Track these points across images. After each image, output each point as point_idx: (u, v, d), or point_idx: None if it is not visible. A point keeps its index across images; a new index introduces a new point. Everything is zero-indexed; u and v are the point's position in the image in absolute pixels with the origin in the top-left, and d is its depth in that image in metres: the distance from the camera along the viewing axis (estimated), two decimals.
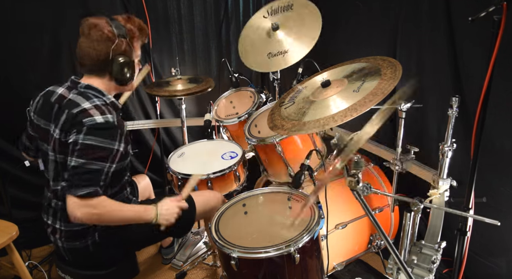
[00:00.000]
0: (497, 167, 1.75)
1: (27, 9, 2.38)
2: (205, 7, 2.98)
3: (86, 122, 1.35)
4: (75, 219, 1.32)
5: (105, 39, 1.43)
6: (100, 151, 1.36)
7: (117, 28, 1.45)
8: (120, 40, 1.45)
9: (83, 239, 1.51)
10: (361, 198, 1.17)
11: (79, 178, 1.32)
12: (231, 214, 1.63)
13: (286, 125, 1.41)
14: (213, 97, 2.60)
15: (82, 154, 1.33)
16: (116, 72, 1.48)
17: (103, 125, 1.37)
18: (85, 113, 1.37)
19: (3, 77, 2.39)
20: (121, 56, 1.46)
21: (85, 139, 1.34)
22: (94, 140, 1.35)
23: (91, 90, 1.47)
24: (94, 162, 1.34)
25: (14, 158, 2.44)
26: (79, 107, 1.39)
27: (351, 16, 2.51)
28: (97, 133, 1.36)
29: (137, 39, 1.53)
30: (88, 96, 1.44)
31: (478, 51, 1.71)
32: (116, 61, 1.46)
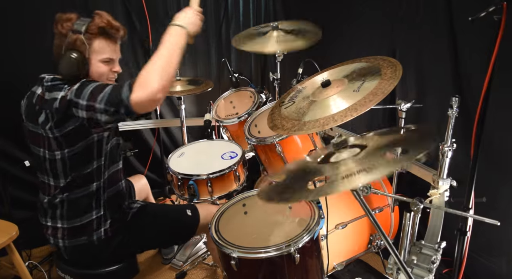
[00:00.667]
0: (497, 167, 1.75)
1: (27, 9, 2.38)
2: (205, 7, 2.98)
3: (71, 95, 1.34)
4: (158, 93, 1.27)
5: (60, 34, 1.44)
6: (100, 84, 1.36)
7: (78, 24, 1.44)
8: (75, 35, 1.43)
9: (88, 234, 1.50)
10: (361, 198, 1.17)
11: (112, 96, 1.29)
12: (231, 214, 1.63)
13: (286, 125, 1.41)
14: (213, 97, 2.60)
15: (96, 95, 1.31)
16: (62, 66, 1.43)
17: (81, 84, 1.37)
18: (65, 98, 1.36)
19: (3, 77, 2.39)
20: (72, 52, 1.43)
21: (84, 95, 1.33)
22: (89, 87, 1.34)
23: (57, 81, 1.44)
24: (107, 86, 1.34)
25: (14, 158, 2.44)
26: (57, 100, 1.37)
27: (351, 17, 2.51)
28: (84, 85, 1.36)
29: (96, 37, 1.47)
30: (58, 87, 1.41)
31: (478, 51, 1.71)
32: (65, 56, 1.43)
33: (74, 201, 1.49)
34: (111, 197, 1.56)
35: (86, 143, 1.43)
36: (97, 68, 1.50)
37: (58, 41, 1.46)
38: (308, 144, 1.98)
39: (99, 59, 1.50)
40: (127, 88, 1.28)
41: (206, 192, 2.02)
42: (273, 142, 1.90)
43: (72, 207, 1.49)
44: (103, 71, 1.52)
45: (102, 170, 1.51)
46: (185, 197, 2.06)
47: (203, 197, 2.04)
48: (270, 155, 2.01)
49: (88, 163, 1.47)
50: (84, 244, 1.51)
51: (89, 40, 1.45)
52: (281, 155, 1.91)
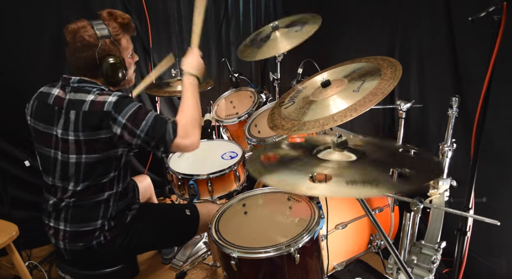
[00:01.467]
0: (497, 167, 1.75)
1: (27, 9, 2.38)
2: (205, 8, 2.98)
3: (108, 108, 1.37)
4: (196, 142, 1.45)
5: (88, 44, 1.42)
6: (141, 108, 1.42)
7: (99, 29, 1.43)
8: (104, 41, 1.43)
9: (88, 239, 1.50)
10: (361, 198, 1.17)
11: (157, 130, 1.39)
12: (231, 214, 1.63)
13: (286, 125, 1.41)
14: (213, 97, 2.60)
15: (138, 121, 1.38)
16: (107, 74, 1.47)
17: (119, 99, 1.40)
18: (98, 103, 1.38)
19: (3, 77, 2.39)
20: (108, 58, 1.45)
21: (123, 116, 1.38)
22: (128, 110, 1.39)
23: (85, 83, 1.45)
24: (148, 114, 1.41)
25: (14, 158, 2.44)
26: (85, 103, 1.39)
27: (351, 17, 2.51)
28: (122, 105, 1.39)
29: (122, 35, 1.51)
30: (86, 89, 1.43)
31: (478, 51, 1.71)
32: (105, 63, 1.44)
33: (82, 207, 1.47)
34: (121, 210, 1.56)
35: (108, 154, 1.43)
36: (128, 63, 1.56)
37: (88, 52, 1.43)
38: None
39: (128, 54, 1.56)
40: (171, 131, 1.39)
41: (206, 192, 2.02)
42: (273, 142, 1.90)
43: (78, 213, 1.48)
44: (131, 65, 1.59)
45: (115, 183, 1.51)
46: (185, 197, 2.06)
47: (203, 197, 2.04)
48: None
49: (104, 173, 1.47)
50: (84, 249, 1.50)
51: (117, 40, 1.48)
52: None
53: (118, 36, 1.49)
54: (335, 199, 1.92)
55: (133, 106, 1.40)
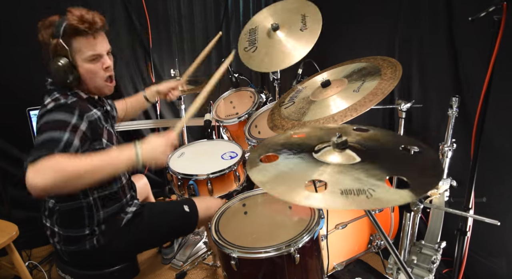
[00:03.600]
0: (497, 167, 1.75)
1: (27, 9, 2.38)
2: (205, 7, 2.99)
3: (43, 112, 1.33)
4: (39, 189, 1.10)
5: (43, 42, 1.40)
6: (54, 124, 1.27)
7: (56, 27, 1.37)
8: (56, 40, 1.36)
9: (81, 243, 1.49)
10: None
11: (34, 150, 1.18)
12: (231, 214, 1.63)
13: (286, 125, 1.41)
14: (213, 97, 2.60)
15: (39, 131, 1.26)
16: (53, 77, 1.40)
17: (54, 106, 1.33)
18: (43, 109, 1.34)
19: (3, 77, 2.39)
20: (57, 58, 1.37)
21: (41, 122, 1.30)
22: (49, 117, 1.30)
23: (53, 85, 1.42)
24: (48, 132, 1.24)
25: (14, 158, 2.44)
26: (42, 107, 1.36)
27: (351, 17, 2.51)
28: (50, 112, 1.31)
29: (74, 36, 1.37)
30: (50, 92, 1.40)
31: (478, 51, 1.71)
32: (52, 65, 1.38)
33: (66, 213, 1.47)
34: (109, 216, 1.53)
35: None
36: (85, 68, 1.41)
37: (44, 50, 1.40)
38: None
39: (83, 58, 1.40)
40: (33, 157, 1.14)
41: (206, 192, 2.02)
42: None
43: (65, 218, 1.48)
44: (94, 71, 1.43)
45: (87, 190, 1.45)
46: (185, 197, 2.06)
47: None
48: None
49: None
50: (78, 251, 1.50)
51: (67, 41, 1.37)
52: None
53: (68, 37, 1.37)
54: None
55: (53, 116, 1.29)
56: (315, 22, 2.08)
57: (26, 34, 2.41)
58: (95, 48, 1.41)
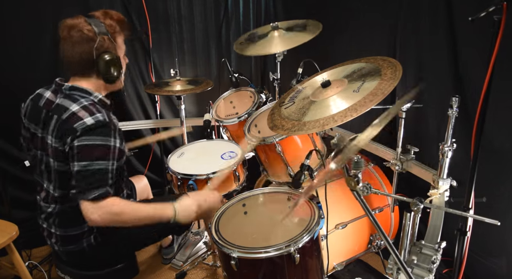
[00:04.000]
0: (497, 167, 1.75)
1: (27, 9, 2.38)
2: (205, 7, 2.99)
3: (78, 127, 1.33)
4: (94, 223, 1.32)
5: (86, 39, 1.40)
6: (98, 150, 1.34)
7: (96, 26, 1.42)
8: (102, 37, 1.42)
9: (79, 242, 1.50)
10: (361, 198, 1.17)
11: (87, 182, 1.31)
12: (231, 214, 1.63)
13: (286, 125, 1.41)
14: (213, 97, 2.60)
15: (81, 157, 1.32)
16: (103, 71, 1.45)
17: (94, 125, 1.35)
18: (74, 117, 1.35)
19: (3, 77, 2.39)
20: (105, 54, 1.43)
21: (80, 141, 1.32)
22: (89, 140, 1.33)
23: (76, 91, 1.44)
24: (96, 162, 1.33)
25: (14, 158, 2.44)
26: (67, 111, 1.36)
27: (351, 17, 2.51)
28: (91, 133, 1.34)
29: (119, 34, 1.50)
30: (74, 98, 1.41)
31: (478, 51, 1.71)
32: (101, 60, 1.43)
33: (65, 213, 1.48)
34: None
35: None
36: (123, 63, 1.54)
37: (85, 47, 1.41)
38: (308, 144, 1.98)
39: (122, 54, 1.54)
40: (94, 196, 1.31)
41: None
42: (273, 142, 1.90)
43: (63, 218, 1.49)
44: (124, 65, 1.56)
45: None
46: None
47: None
48: (270, 155, 2.01)
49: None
50: (76, 251, 1.51)
51: (114, 38, 1.47)
52: (281, 155, 1.91)
53: (115, 34, 1.47)
54: (335, 199, 1.92)
55: (95, 140, 1.34)
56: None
57: (26, 34, 2.43)
58: (124, 45, 1.56)
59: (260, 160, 2.14)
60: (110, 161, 1.36)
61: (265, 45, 2.27)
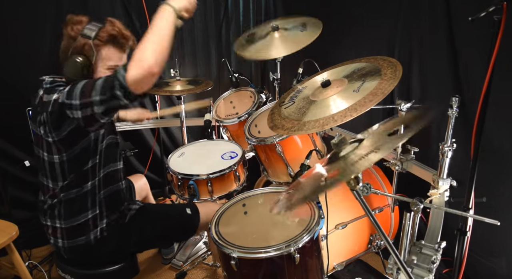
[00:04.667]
0: (497, 167, 1.75)
1: (27, 9, 2.38)
2: (205, 8, 2.99)
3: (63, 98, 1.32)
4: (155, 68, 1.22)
5: (69, 36, 1.43)
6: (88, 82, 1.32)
7: (88, 29, 1.42)
8: (84, 40, 1.42)
9: (86, 234, 1.51)
10: (361, 198, 1.17)
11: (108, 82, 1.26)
12: (231, 214, 1.63)
13: (286, 125, 1.41)
14: (213, 97, 2.60)
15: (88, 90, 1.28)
16: (66, 69, 1.43)
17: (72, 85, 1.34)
18: (56, 100, 1.35)
19: (3, 77, 2.39)
20: (78, 56, 1.42)
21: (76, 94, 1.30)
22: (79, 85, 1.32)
23: (56, 83, 1.44)
24: (96, 81, 1.29)
25: (14, 158, 2.44)
26: (50, 103, 1.37)
27: (352, 17, 2.51)
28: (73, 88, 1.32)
29: (104, 44, 1.45)
30: (55, 89, 1.41)
31: (478, 51, 1.71)
32: (70, 59, 1.42)
33: (71, 201, 1.49)
34: (108, 197, 1.56)
35: (83, 143, 1.42)
36: (101, 75, 1.47)
37: (65, 43, 1.45)
38: (308, 144, 1.98)
39: (105, 66, 1.48)
40: (122, 70, 1.24)
41: (206, 192, 2.02)
42: (273, 142, 1.90)
43: (68, 207, 1.49)
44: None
45: (97, 169, 1.50)
46: (185, 197, 2.06)
47: (203, 197, 2.04)
48: (270, 155, 2.01)
49: (85, 162, 1.46)
50: (82, 245, 1.51)
51: (97, 46, 1.44)
52: (281, 155, 1.92)
53: (100, 43, 1.44)
54: (335, 199, 1.92)
55: (81, 84, 1.32)
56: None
57: (27, 34, 2.43)
58: (119, 60, 1.51)
59: (260, 160, 2.14)
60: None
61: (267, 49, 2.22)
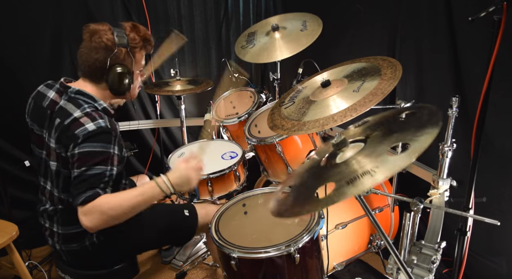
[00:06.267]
0: (497, 167, 1.75)
1: (27, 9, 2.38)
2: (205, 8, 2.99)
3: (79, 133, 1.32)
4: (89, 229, 1.30)
5: (104, 47, 1.40)
6: (98, 156, 1.33)
7: (119, 37, 1.42)
8: (120, 49, 1.42)
9: (81, 241, 1.50)
10: (361, 198, 1.17)
11: (78, 187, 1.30)
12: (231, 214, 1.63)
13: (286, 125, 1.41)
14: (213, 97, 2.60)
15: (81, 163, 1.31)
16: (111, 82, 1.44)
17: (96, 131, 1.34)
18: (76, 123, 1.34)
19: (3, 78, 2.39)
20: (119, 66, 1.43)
21: (81, 148, 1.31)
22: (89, 147, 1.32)
23: (81, 95, 1.43)
24: (94, 167, 1.32)
25: (14, 158, 2.45)
26: (70, 117, 1.35)
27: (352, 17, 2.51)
28: (92, 139, 1.33)
29: (139, 49, 1.49)
30: (78, 102, 1.40)
31: (478, 51, 1.71)
32: (113, 71, 1.42)
33: (68, 212, 1.46)
34: None
35: None
36: (136, 79, 1.54)
37: (101, 55, 1.41)
38: (308, 144, 1.98)
39: (139, 69, 1.54)
40: (82, 199, 1.28)
41: (206, 192, 2.02)
42: (273, 142, 1.90)
43: (66, 217, 1.48)
44: (138, 80, 1.57)
45: None
46: (185, 197, 2.06)
47: (203, 197, 2.04)
48: (270, 155, 2.01)
49: None
50: (79, 249, 1.51)
51: (133, 53, 1.46)
52: (281, 155, 1.92)
53: (135, 49, 1.47)
54: None
55: (96, 147, 1.33)
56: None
57: (27, 34, 2.43)
58: (144, 61, 1.56)
59: (260, 160, 2.14)
60: (108, 166, 1.35)
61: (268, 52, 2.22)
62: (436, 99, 2.02)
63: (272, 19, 2.41)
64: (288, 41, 2.21)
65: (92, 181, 1.31)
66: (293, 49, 2.15)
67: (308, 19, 2.24)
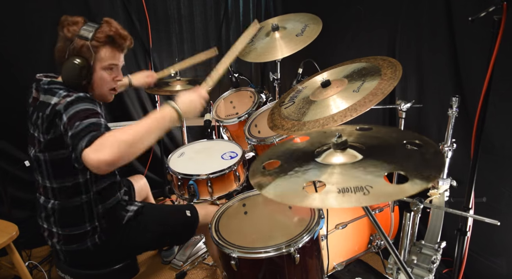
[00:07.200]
0: (497, 167, 1.75)
1: (27, 9, 2.38)
2: (205, 7, 2.99)
3: (61, 106, 1.31)
4: (104, 165, 1.15)
5: (65, 37, 1.41)
6: (86, 112, 1.29)
7: (84, 30, 1.41)
8: (79, 40, 1.40)
9: (83, 241, 1.50)
10: None
11: (79, 135, 1.22)
12: (231, 214, 1.63)
13: (286, 125, 1.41)
14: (213, 97, 2.60)
15: (73, 122, 1.26)
16: (64, 71, 1.41)
17: (76, 98, 1.32)
18: (56, 106, 1.33)
19: (3, 78, 2.39)
20: (76, 58, 1.40)
21: (68, 113, 1.29)
22: (75, 108, 1.29)
23: (54, 84, 1.42)
24: (86, 119, 1.26)
25: (14, 158, 2.44)
26: (49, 106, 1.34)
27: (352, 17, 2.51)
28: (75, 103, 1.30)
29: (103, 45, 1.44)
30: (53, 91, 1.38)
31: (478, 51, 1.71)
32: (68, 60, 1.40)
33: (66, 211, 1.47)
34: (107, 210, 1.54)
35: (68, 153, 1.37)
36: (100, 75, 1.48)
37: (61, 44, 1.43)
38: None
39: (103, 66, 1.48)
40: (87, 139, 1.19)
41: (206, 192, 2.02)
42: (273, 142, 1.90)
43: (64, 216, 1.48)
44: (106, 79, 1.50)
45: (89, 185, 1.47)
46: (185, 197, 2.06)
47: (203, 197, 2.04)
48: None
49: (73, 175, 1.43)
50: (79, 250, 1.50)
51: (95, 47, 1.43)
52: None
53: (98, 44, 1.43)
54: None
55: (80, 106, 1.30)
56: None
57: (26, 35, 2.43)
58: (117, 61, 1.51)
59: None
60: (101, 118, 1.30)
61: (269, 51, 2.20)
62: (436, 99, 2.02)
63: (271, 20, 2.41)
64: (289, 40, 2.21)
65: (90, 128, 1.24)
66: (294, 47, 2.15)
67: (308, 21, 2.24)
